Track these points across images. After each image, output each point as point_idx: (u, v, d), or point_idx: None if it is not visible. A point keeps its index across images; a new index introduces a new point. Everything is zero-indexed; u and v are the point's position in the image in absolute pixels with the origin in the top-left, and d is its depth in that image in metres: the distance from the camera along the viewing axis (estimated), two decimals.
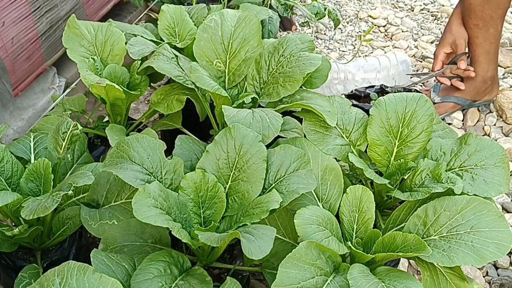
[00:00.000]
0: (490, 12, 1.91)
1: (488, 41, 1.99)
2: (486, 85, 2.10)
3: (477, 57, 2.05)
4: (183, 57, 1.45)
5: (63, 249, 1.26)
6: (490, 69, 2.07)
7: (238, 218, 1.14)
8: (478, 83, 2.08)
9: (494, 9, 1.90)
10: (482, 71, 2.07)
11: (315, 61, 1.35)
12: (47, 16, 1.83)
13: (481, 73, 2.07)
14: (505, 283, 1.53)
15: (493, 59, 2.07)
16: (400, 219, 1.20)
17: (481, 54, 2.03)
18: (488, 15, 1.92)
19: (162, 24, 1.57)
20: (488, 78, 2.09)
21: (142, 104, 2.19)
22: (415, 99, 1.32)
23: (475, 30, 1.98)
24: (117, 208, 1.21)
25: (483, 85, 2.09)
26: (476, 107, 2.17)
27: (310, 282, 0.98)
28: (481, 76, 2.08)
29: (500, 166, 1.27)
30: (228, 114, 1.24)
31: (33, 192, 1.22)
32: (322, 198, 1.21)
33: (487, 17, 1.92)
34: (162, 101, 1.45)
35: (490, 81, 2.10)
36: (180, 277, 1.05)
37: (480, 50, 2.02)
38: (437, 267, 1.11)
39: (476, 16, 1.94)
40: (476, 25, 1.96)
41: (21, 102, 1.87)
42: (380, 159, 1.32)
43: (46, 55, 1.91)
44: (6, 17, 1.64)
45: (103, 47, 1.47)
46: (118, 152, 1.16)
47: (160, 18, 1.57)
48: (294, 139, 1.28)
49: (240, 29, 1.44)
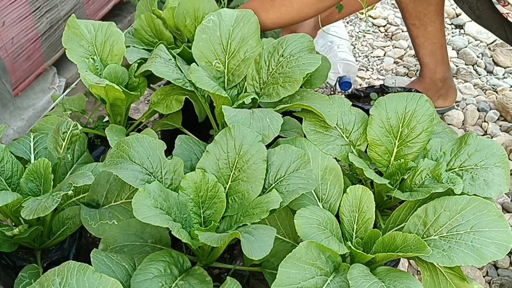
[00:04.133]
0: (422, 9, 1.87)
1: (430, 40, 1.95)
2: (436, 87, 2.04)
3: (423, 58, 2.01)
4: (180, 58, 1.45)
5: (63, 249, 1.26)
6: (438, 70, 2.01)
7: (238, 218, 1.14)
8: (426, 85, 2.02)
9: (425, 5, 1.86)
10: (429, 73, 2.02)
11: (315, 61, 1.35)
12: (47, 16, 1.83)
13: (429, 75, 2.02)
14: (505, 283, 1.53)
15: (440, 60, 2.01)
16: (400, 219, 1.20)
17: (425, 55, 1.99)
18: (421, 13, 1.88)
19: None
20: (437, 80, 2.02)
21: (142, 104, 2.19)
22: (415, 99, 1.32)
23: (414, 30, 1.95)
24: (117, 208, 1.21)
25: (432, 87, 2.03)
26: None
27: (310, 282, 0.98)
28: (429, 78, 2.02)
29: (500, 166, 1.27)
30: (228, 115, 1.24)
31: (33, 192, 1.22)
32: (322, 198, 1.21)
33: (421, 14, 1.89)
34: (162, 101, 1.45)
35: (440, 83, 2.04)
36: (180, 277, 1.05)
37: (424, 50, 1.99)
38: (437, 267, 1.11)
39: (410, 15, 1.91)
40: (413, 24, 1.94)
41: (21, 102, 1.87)
42: (380, 159, 1.32)
43: (46, 55, 1.91)
44: (6, 17, 1.64)
45: (102, 47, 1.47)
46: (118, 152, 1.16)
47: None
48: (294, 139, 1.28)
49: (239, 28, 1.44)
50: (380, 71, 2.45)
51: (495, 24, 1.74)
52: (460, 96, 2.23)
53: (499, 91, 2.29)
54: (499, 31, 1.76)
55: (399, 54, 2.55)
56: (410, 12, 1.91)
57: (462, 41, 2.61)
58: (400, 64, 2.48)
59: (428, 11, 1.87)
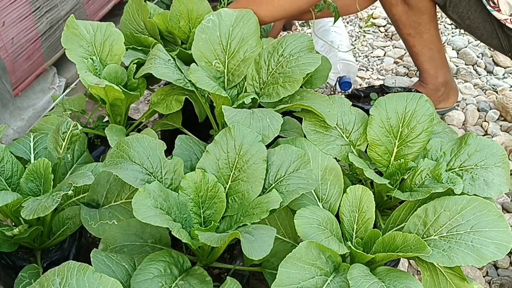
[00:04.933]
0: (416, 19, 1.88)
1: (427, 47, 1.95)
2: (438, 92, 2.05)
3: (422, 65, 2.01)
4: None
5: (63, 249, 1.26)
6: (439, 75, 2.01)
7: (238, 218, 1.14)
8: (429, 91, 2.02)
9: (418, 14, 1.86)
10: (431, 79, 2.02)
11: (315, 61, 1.35)
12: (47, 16, 1.83)
13: (431, 80, 2.02)
14: (505, 283, 1.53)
15: (440, 64, 2.01)
16: (400, 219, 1.20)
17: (424, 62, 1.99)
18: (415, 22, 1.89)
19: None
20: (439, 84, 2.03)
21: (142, 104, 2.19)
22: (415, 99, 1.32)
23: (410, 39, 1.95)
24: (117, 208, 1.21)
25: (435, 92, 2.04)
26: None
27: (310, 282, 0.98)
28: (432, 83, 2.03)
29: (500, 166, 1.27)
30: (228, 115, 1.24)
31: (33, 192, 1.22)
32: (322, 198, 1.21)
33: (415, 24, 1.89)
34: (162, 101, 1.45)
35: (442, 87, 2.04)
36: (180, 277, 1.05)
37: (422, 58, 1.99)
38: (437, 267, 1.11)
39: (404, 25, 1.91)
40: (408, 34, 1.94)
41: (21, 102, 1.87)
42: (380, 159, 1.32)
43: (46, 55, 1.91)
44: (6, 17, 1.64)
45: (102, 47, 1.47)
46: (118, 152, 1.16)
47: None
48: (294, 139, 1.28)
49: (238, 28, 1.44)
50: (380, 71, 2.45)
51: (486, 32, 1.75)
52: (460, 96, 2.23)
53: (499, 91, 2.29)
54: (490, 39, 1.77)
55: (399, 54, 2.55)
56: (404, 23, 1.91)
57: (462, 41, 2.61)
58: (400, 64, 2.48)
59: (422, 19, 1.88)
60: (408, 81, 2.28)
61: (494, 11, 1.64)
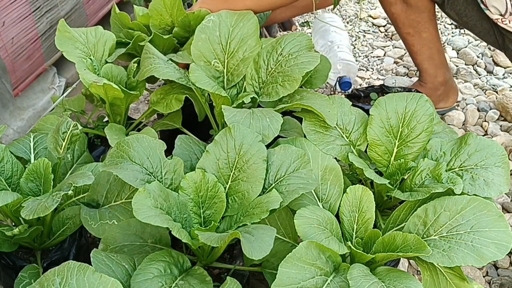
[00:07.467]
0: (415, 17, 1.88)
1: (426, 46, 1.95)
2: (438, 92, 2.04)
3: (421, 65, 2.01)
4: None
5: (63, 249, 1.26)
6: (439, 74, 2.01)
7: (238, 218, 1.14)
8: (428, 90, 2.02)
9: (418, 13, 1.86)
10: (430, 78, 2.02)
11: (314, 60, 1.35)
12: (47, 16, 1.83)
13: (430, 80, 2.02)
14: (505, 283, 1.53)
15: (439, 64, 2.00)
16: (400, 219, 1.20)
17: (423, 61, 1.99)
18: (414, 21, 1.89)
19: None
20: (438, 83, 2.03)
21: (142, 104, 2.19)
22: (415, 99, 1.32)
23: (409, 38, 1.95)
24: (117, 208, 1.21)
25: (434, 91, 2.03)
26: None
27: (310, 282, 0.98)
28: (431, 83, 2.03)
29: (500, 166, 1.27)
30: (228, 114, 1.24)
31: (33, 192, 1.22)
32: (322, 198, 1.21)
33: (414, 22, 1.89)
34: (161, 100, 1.45)
35: (442, 86, 2.04)
36: (180, 277, 1.05)
37: (422, 57, 1.98)
38: (437, 267, 1.11)
39: (404, 24, 1.91)
40: (407, 33, 1.93)
41: (21, 102, 1.88)
42: (380, 159, 1.32)
43: (46, 55, 1.91)
44: (6, 17, 1.65)
45: (95, 47, 1.48)
46: (118, 152, 1.16)
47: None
48: (294, 139, 1.28)
49: (238, 28, 1.44)
50: (380, 71, 2.45)
51: (484, 30, 1.75)
52: (460, 96, 2.23)
53: (499, 91, 2.29)
54: (487, 36, 1.77)
55: (399, 54, 2.55)
56: (403, 22, 1.91)
57: (462, 41, 2.61)
58: (400, 64, 2.48)
59: (421, 18, 1.88)
60: (408, 81, 2.28)
61: (487, 10, 1.65)
